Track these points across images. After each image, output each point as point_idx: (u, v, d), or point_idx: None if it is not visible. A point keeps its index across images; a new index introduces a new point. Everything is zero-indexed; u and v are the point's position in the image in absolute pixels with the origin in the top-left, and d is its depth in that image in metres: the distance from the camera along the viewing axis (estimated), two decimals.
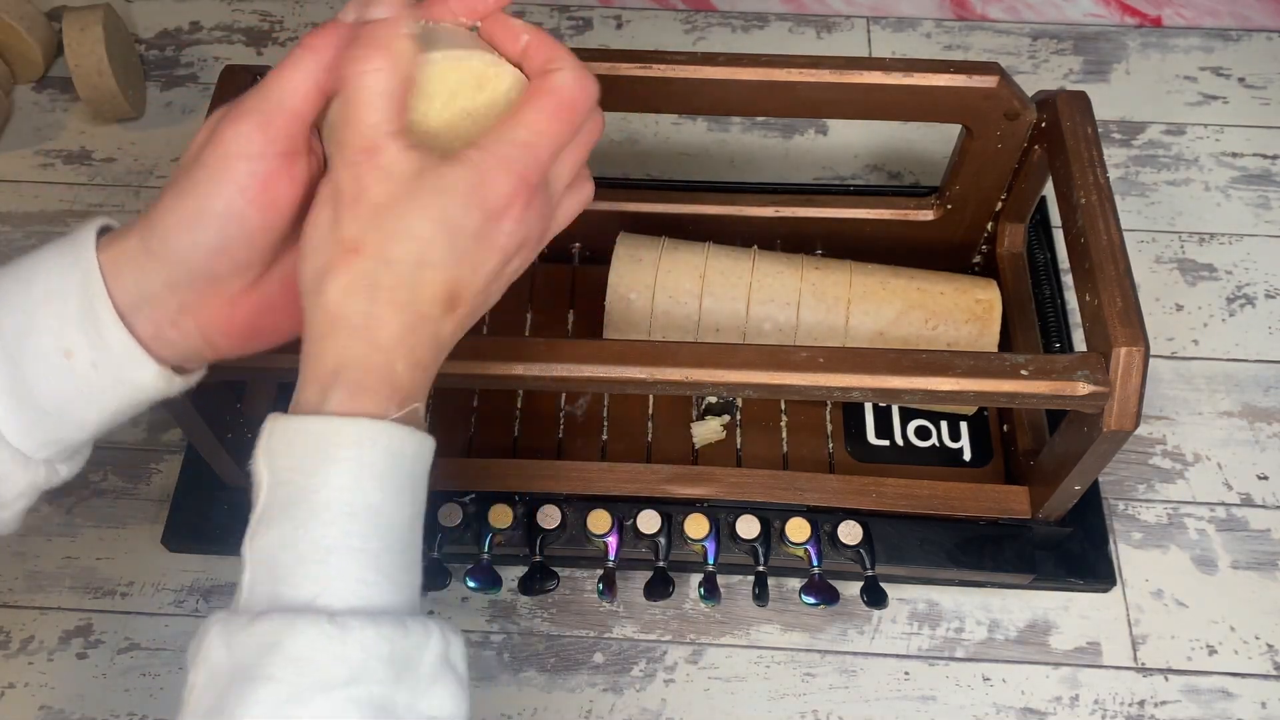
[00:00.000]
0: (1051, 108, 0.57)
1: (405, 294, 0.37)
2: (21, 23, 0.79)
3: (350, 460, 0.35)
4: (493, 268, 0.39)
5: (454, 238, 0.37)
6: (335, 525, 0.35)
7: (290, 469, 0.36)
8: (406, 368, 0.37)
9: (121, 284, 0.39)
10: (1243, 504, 0.66)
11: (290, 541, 0.35)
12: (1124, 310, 0.50)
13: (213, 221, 0.38)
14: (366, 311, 0.36)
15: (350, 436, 0.36)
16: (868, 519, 0.59)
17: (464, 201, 0.37)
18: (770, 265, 0.62)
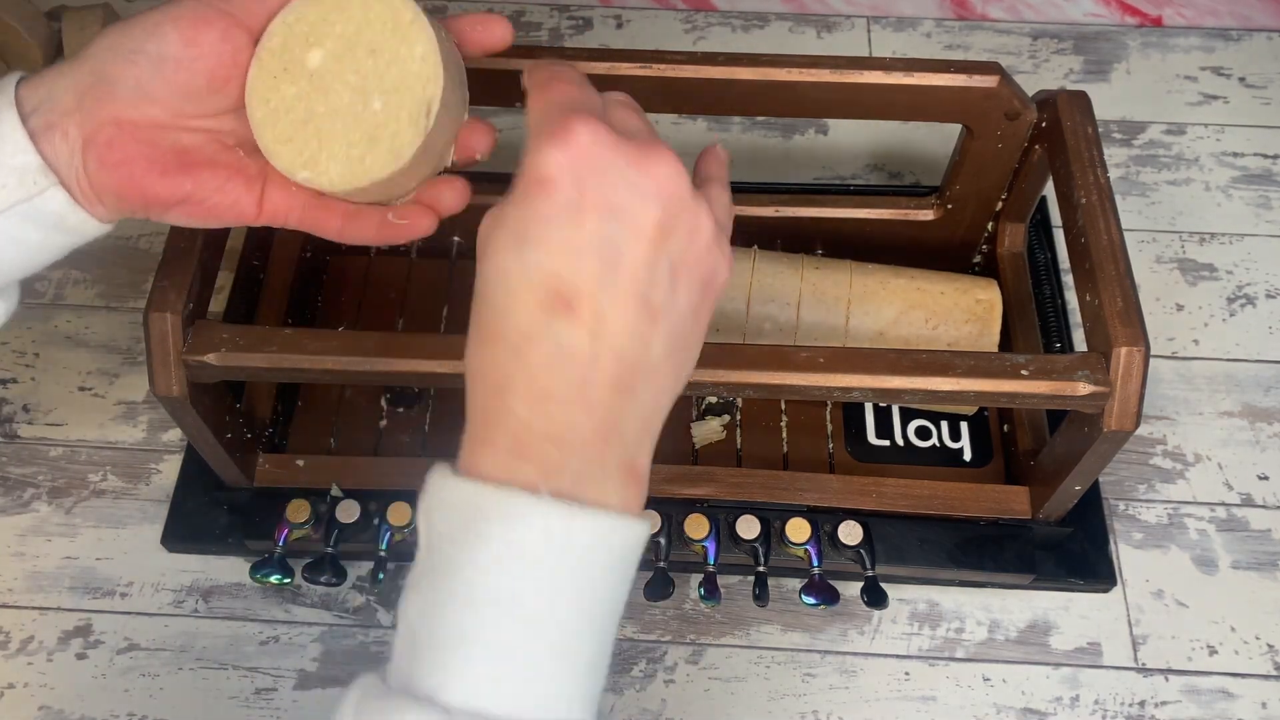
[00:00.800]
0: (1052, 107, 0.57)
1: (501, 318, 0.35)
2: (21, 22, 0.79)
3: (496, 539, 0.32)
4: (594, 241, 0.35)
5: (521, 234, 0.34)
6: (469, 611, 0.32)
7: (443, 536, 0.33)
8: (529, 403, 0.33)
9: (34, 86, 0.39)
10: (1243, 504, 0.66)
11: (430, 615, 0.32)
12: (1124, 310, 0.50)
13: (133, 34, 0.39)
14: (479, 354, 0.35)
15: (497, 510, 0.32)
16: (868, 519, 0.59)
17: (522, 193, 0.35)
18: (770, 265, 0.62)
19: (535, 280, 0.33)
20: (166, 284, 0.51)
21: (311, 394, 0.66)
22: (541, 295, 0.33)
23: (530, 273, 0.33)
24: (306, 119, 0.41)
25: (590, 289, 0.33)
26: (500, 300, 0.34)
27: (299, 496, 0.58)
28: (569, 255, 0.33)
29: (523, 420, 0.33)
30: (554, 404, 0.33)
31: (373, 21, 0.40)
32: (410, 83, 0.40)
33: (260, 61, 0.41)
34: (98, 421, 0.68)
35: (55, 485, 0.65)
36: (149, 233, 0.75)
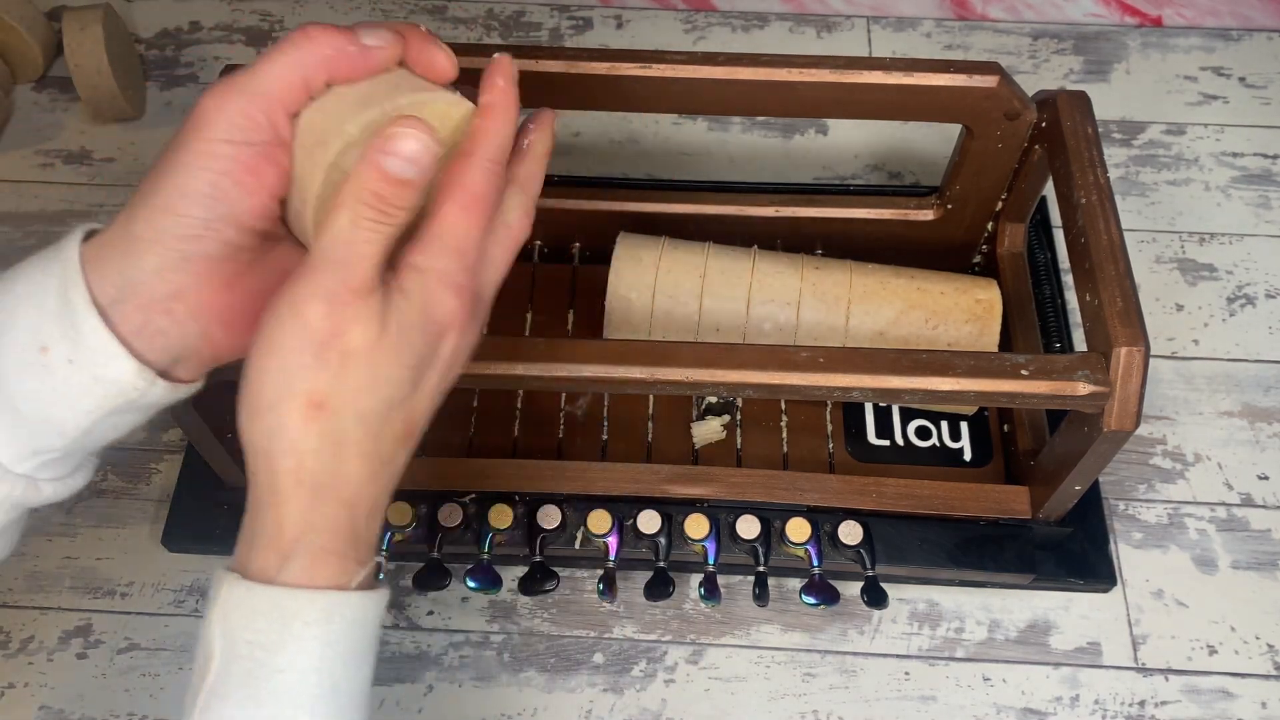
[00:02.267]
0: (1052, 107, 0.57)
1: (371, 444, 0.36)
2: (21, 23, 0.79)
3: (316, 639, 0.34)
4: (440, 386, 0.39)
5: (416, 373, 0.37)
6: (302, 709, 0.34)
7: (250, 643, 0.34)
8: (367, 518, 0.36)
9: (103, 275, 0.37)
10: (1243, 504, 0.66)
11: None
12: (1124, 310, 0.50)
13: (199, 200, 0.36)
14: (333, 469, 0.35)
15: (317, 613, 0.35)
16: (868, 519, 0.59)
17: (422, 330, 0.36)
18: (770, 265, 0.62)
19: (405, 416, 0.38)
20: None
21: None
22: (405, 428, 0.38)
23: (405, 410, 0.38)
24: None
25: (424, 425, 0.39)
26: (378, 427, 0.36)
27: None
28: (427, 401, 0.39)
29: (358, 530, 0.36)
30: (379, 514, 0.37)
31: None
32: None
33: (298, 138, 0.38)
34: None
35: None
36: None
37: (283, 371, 0.35)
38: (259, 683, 0.34)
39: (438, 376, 0.38)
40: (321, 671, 0.35)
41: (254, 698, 0.34)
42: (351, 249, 0.35)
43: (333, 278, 0.35)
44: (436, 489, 0.59)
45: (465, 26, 0.86)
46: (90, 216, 0.76)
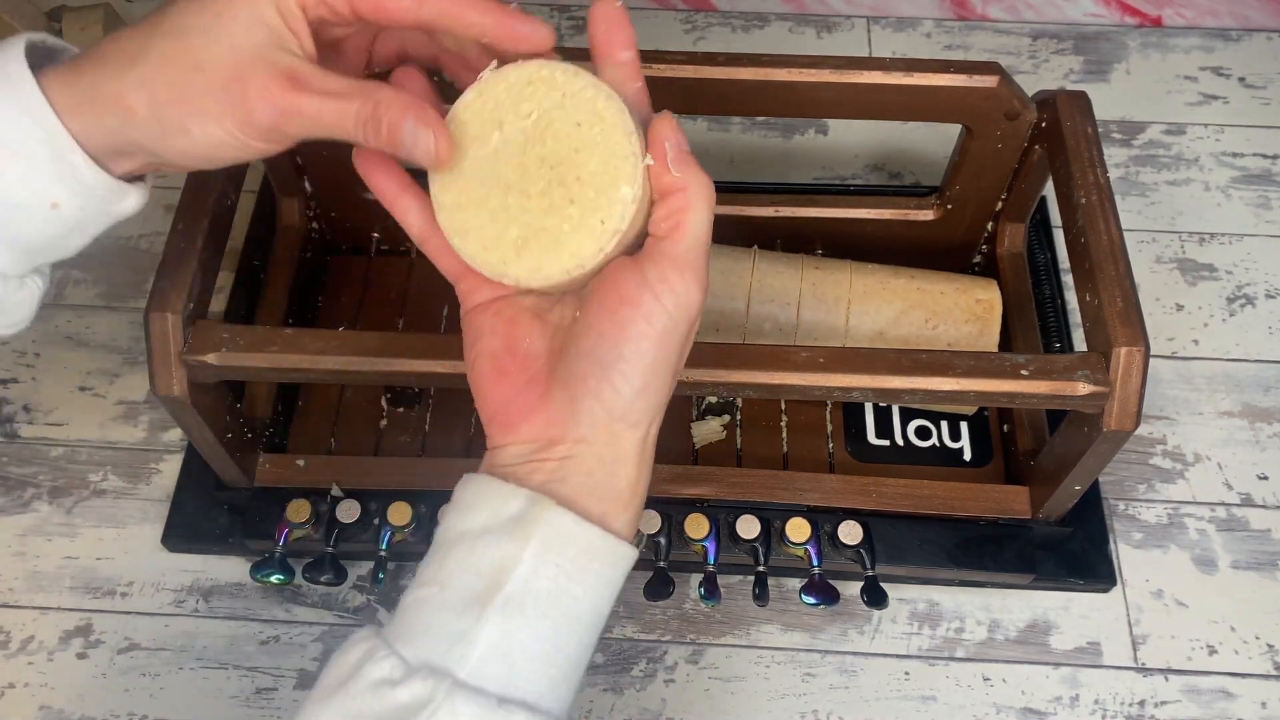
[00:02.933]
0: (1052, 108, 0.57)
1: (647, 419, 0.40)
2: (21, 22, 0.79)
3: (606, 579, 0.38)
4: (680, 369, 0.41)
5: (677, 365, 0.40)
6: (587, 633, 0.38)
7: (558, 565, 0.37)
8: (644, 489, 0.40)
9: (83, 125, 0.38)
10: (1243, 504, 0.66)
11: (540, 640, 0.37)
12: (1124, 310, 0.50)
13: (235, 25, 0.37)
14: (650, 450, 0.40)
15: (614, 557, 0.38)
16: (868, 519, 0.59)
17: (682, 320, 0.39)
18: (770, 265, 0.62)
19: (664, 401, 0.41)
20: (167, 284, 0.51)
21: (311, 394, 0.66)
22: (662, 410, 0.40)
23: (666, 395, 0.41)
24: (505, 219, 0.39)
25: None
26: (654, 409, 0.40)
27: (299, 496, 0.58)
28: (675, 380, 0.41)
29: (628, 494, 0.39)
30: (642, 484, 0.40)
31: (568, 106, 0.38)
32: (612, 173, 0.38)
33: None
34: (98, 421, 0.68)
35: (56, 485, 0.65)
36: (149, 233, 0.75)
37: (668, 351, 0.39)
38: (554, 602, 0.37)
39: (680, 363, 0.41)
40: (597, 609, 0.38)
41: (547, 614, 0.37)
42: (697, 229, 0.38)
43: (695, 252, 0.39)
44: (436, 489, 0.59)
45: None
46: None
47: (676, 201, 0.38)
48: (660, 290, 0.38)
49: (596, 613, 0.38)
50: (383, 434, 0.65)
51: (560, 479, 0.38)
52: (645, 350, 0.38)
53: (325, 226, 0.69)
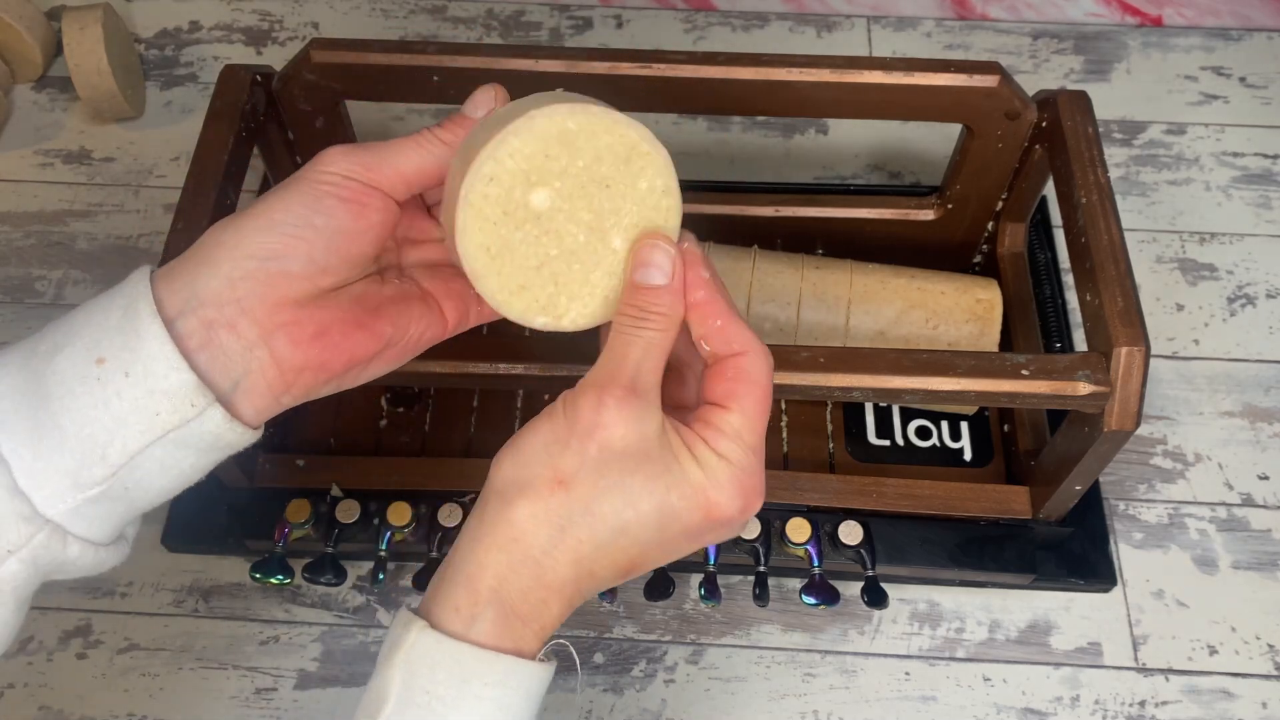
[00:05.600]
0: (1052, 107, 0.57)
1: (590, 550, 0.36)
2: (21, 22, 0.79)
3: (492, 702, 0.35)
4: (680, 555, 0.38)
5: (666, 527, 0.36)
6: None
7: (428, 694, 0.35)
8: (560, 611, 0.37)
9: (172, 289, 0.36)
10: (1243, 504, 0.66)
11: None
12: (1125, 310, 0.50)
13: (290, 209, 0.36)
14: (547, 549, 0.36)
15: (496, 676, 0.35)
16: (868, 519, 0.59)
17: (693, 499, 0.36)
18: (770, 265, 0.62)
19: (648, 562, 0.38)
20: None
21: None
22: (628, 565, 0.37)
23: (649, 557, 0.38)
24: (539, 264, 0.38)
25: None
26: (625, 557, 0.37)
27: (299, 496, 0.58)
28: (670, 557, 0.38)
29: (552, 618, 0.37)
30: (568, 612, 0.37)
31: (603, 155, 0.37)
32: (650, 215, 0.38)
33: (472, 207, 0.36)
34: None
35: None
36: (149, 233, 0.75)
37: (548, 442, 0.36)
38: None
39: (687, 548, 0.38)
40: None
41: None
42: (618, 349, 0.37)
43: (604, 374, 0.36)
44: (436, 489, 0.59)
45: (465, 26, 0.86)
46: (90, 216, 0.76)
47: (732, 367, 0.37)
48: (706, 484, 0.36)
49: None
50: (383, 434, 0.64)
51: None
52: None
53: None
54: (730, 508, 0.36)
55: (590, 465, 0.35)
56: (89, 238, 0.75)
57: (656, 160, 0.37)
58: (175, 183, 0.77)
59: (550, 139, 0.36)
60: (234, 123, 0.55)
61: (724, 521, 0.37)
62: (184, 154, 0.79)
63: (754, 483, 0.37)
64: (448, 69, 0.56)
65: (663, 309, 0.37)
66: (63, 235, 0.75)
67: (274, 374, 0.37)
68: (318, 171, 0.38)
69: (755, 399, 0.37)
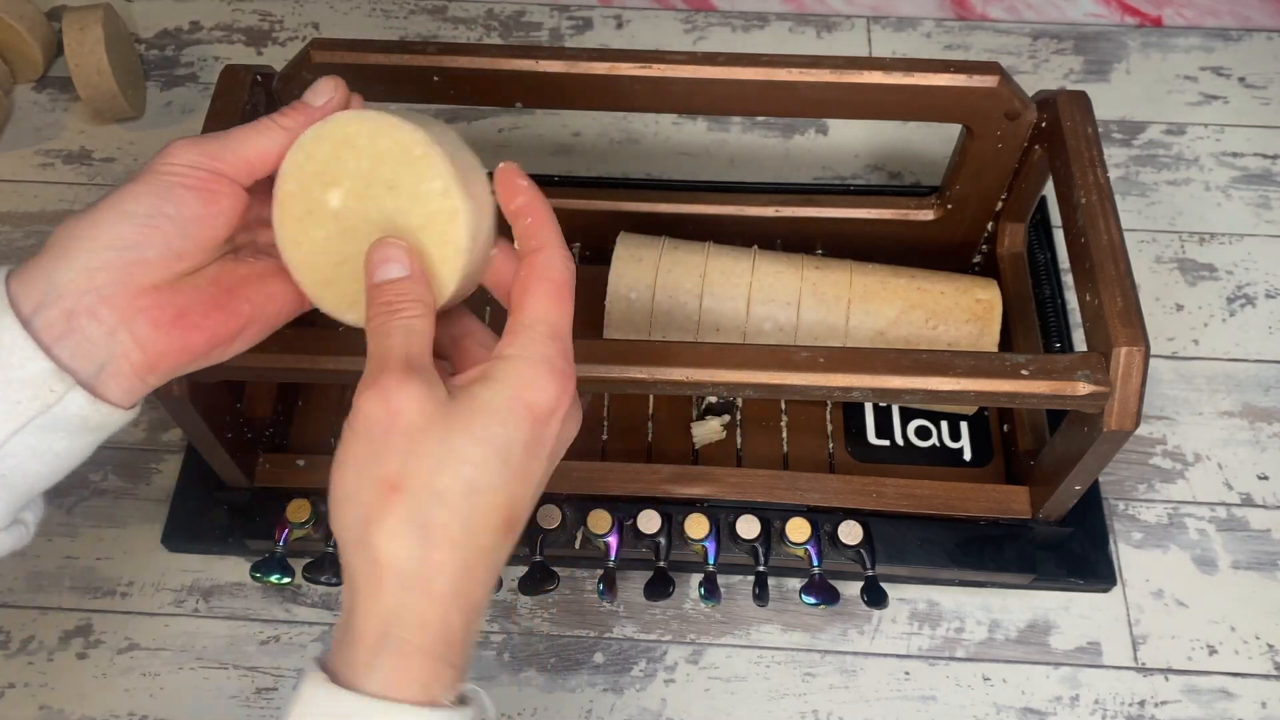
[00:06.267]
0: (1052, 107, 0.57)
1: (459, 528, 0.35)
2: (21, 22, 0.79)
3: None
4: (544, 476, 0.38)
5: (508, 457, 0.36)
6: None
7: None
8: (462, 614, 0.35)
9: (28, 284, 0.37)
10: (1243, 504, 0.66)
11: None
12: (1124, 310, 0.50)
13: (141, 199, 0.37)
14: (420, 556, 0.34)
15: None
16: (868, 519, 0.59)
17: (509, 413, 0.36)
18: (770, 265, 0.62)
19: (503, 503, 0.36)
20: None
21: (311, 394, 0.66)
22: (503, 518, 0.36)
23: (502, 496, 0.36)
24: (341, 260, 0.39)
25: (524, 514, 0.37)
26: (465, 511, 0.35)
27: (299, 496, 0.58)
28: (528, 488, 0.37)
29: (452, 634, 0.35)
30: (476, 615, 0.36)
31: (384, 157, 0.38)
32: (435, 218, 0.38)
33: (282, 205, 0.39)
34: None
35: (56, 485, 0.65)
36: None
37: (358, 460, 0.35)
38: None
39: (545, 469, 0.38)
40: None
41: None
42: (379, 343, 0.37)
43: (374, 368, 0.36)
44: None
45: (465, 26, 0.86)
46: None
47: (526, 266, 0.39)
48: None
49: None
50: None
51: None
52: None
53: None
54: (545, 396, 0.37)
55: (408, 454, 0.35)
56: None
57: (434, 162, 0.38)
58: None
59: (337, 142, 0.39)
60: (234, 123, 0.55)
61: (550, 412, 0.37)
62: None
63: (560, 364, 0.38)
64: (448, 69, 0.56)
65: (411, 296, 0.38)
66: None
67: (138, 356, 0.38)
68: (164, 164, 0.38)
69: (546, 292, 0.39)
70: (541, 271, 0.39)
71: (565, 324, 0.39)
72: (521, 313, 0.38)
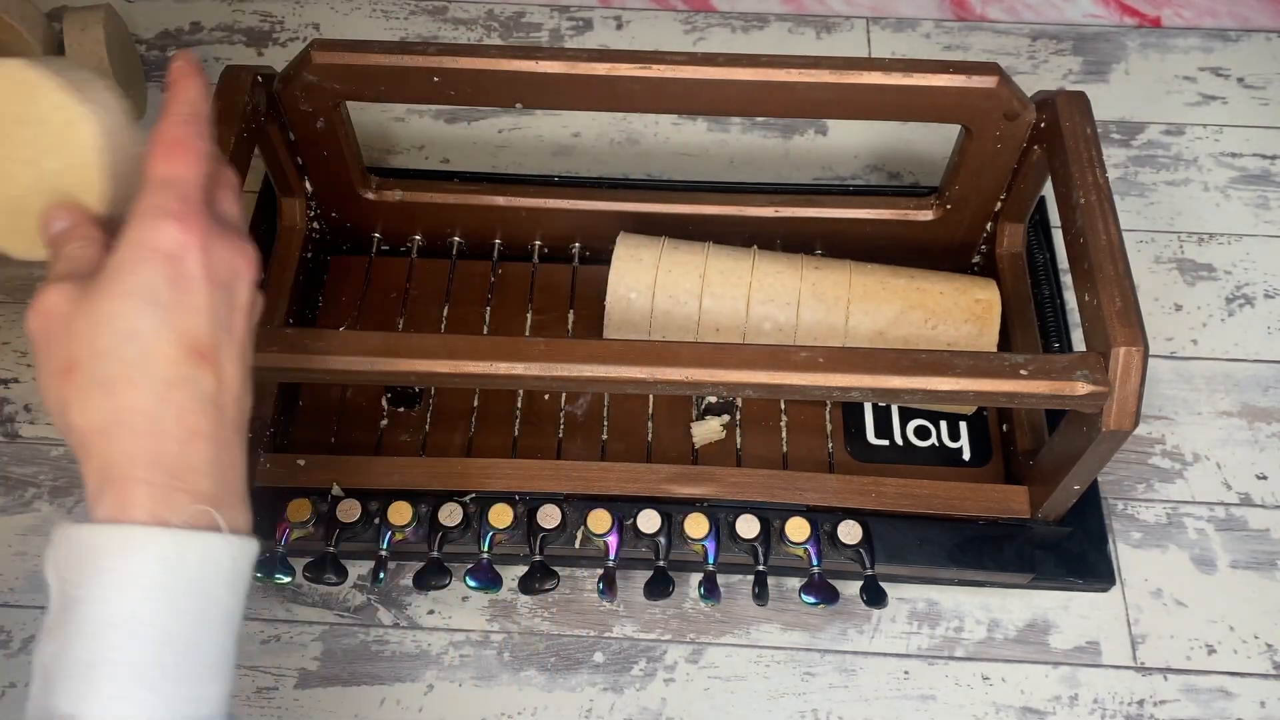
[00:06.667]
0: (1051, 108, 0.57)
1: (137, 370, 0.37)
2: (22, 23, 0.79)
3: (114, 570, 0.35)
4: (213, 306, 0.39)
5: (151, 296, 0.37)
6: (95, 639, 0.34)
7: (67, 580, 0.35)
8: (178, 443, 0.37)
9: None
10: (1242, 504, 0.66)
11: (59, 654, 0.35)
12: (1123, 310, 0.50)
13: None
14: (110, 407, 0.37)
15: (115, 545, 0.35)
16: (867, 518, 0.59)
17: (138, 262, 0.37)
18: (770, 265, 0.63)
19: (170, 336, 0.37)
20: None
21: (311, 394, 0.66)
22: (178, 349, 0.37)
23: (164, 331, 0.37)
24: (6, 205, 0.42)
25: (215, 345, 0.38)
26: (133, 354, 0.37)
27: (300, 496, 0.58)
28: (197, 317, 0.38)
29: (174, 458, 0.37)
30: (200, 441, 0.37)
31: (8, 96, 0.40)
32: (64, 131, 0.41)
33: None
34: None
35: (57, 485, 0.66)
36: None
37: (42, 368, 0.38)
38: (69, 617, 0.35)
39: (208, 298, 0.39)
40: (119, 601, 0.35)
41: (65, 631, 0.35)
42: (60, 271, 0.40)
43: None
44: (437, 489, 0.59)
45: (465, 27, 0.87)
46: None
47: None
48: None
49: (138, 618, 0.35)
50: (383, 434, 0.65)
51: None
52: None
53: (325, 226, 0.69)
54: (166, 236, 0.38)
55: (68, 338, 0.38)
56: None
57: (42, 82, 0.40)
58: None
59: None
60: (235, 123, 0.56)
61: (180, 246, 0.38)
62: None
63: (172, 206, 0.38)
64: (448, 70, 0.56)
65: (72, 236, 0.41)
66: None
67: None
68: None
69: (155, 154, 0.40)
70: (155, 137, 0.40)
71: (176, 172, 0.39)
72: (143, 178, 0.40)
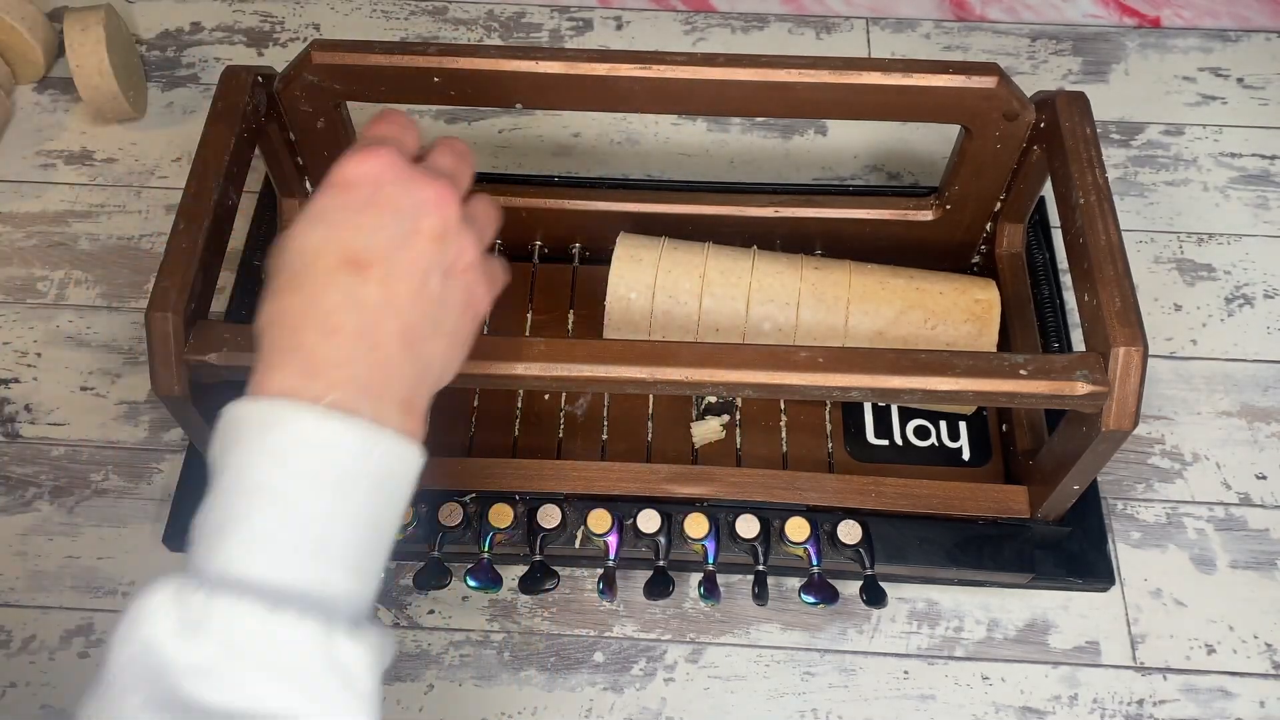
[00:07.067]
0: (1050, 108, 0.57)
1: (300, 278, 0.39)
2: (23, 23, 0.79)
3: (251, 440, 0.37)
4: (382, 226, 0.40)
5: (321, 216, 0.40)
6: (228, 504, 0.36)
7: (222, 449, 0.38)
8: (321, 334, 0.38)
9: None
10: (1241, 504, 0.66)
11: (201, 519, 0.37)
12: (1123, 310, 0.50)
13: None
14: (273, 309, 0.39)
15: (255, 418, 0.37)
16: (867, 518, 0.59)
17: (323, 190, 0.41)
18: (770, 265, 0.63)
19: (332, 249, 0.39)
20: (168, 284, 0.51)
21: None
22: (337, 258, 0.39)
23: (328, 244, 0.39)
24: None
25: (381, 258, 0.40)
26: (298, 265, 0.40)
27: None
28: (364, 233, 0.40)
29: (310, 349, 0.38)
30: (341, 337, 0.38)
31: None
32: None
33: None
34: (99, 421, 0.68)
35: (57, 485, 0.66)
36: (150, 233, 0.75)
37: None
38: (212, 485, 0.37)
39: (375, 216, 0.40)
40: (251, 468, 0.36)
41: (208, 500, 0.37)
42: None
43: None
44: (437, 488, 0.59)
45: (466, 27, 0.87)
46: (92, 217, 0.76)
47: None
48: None
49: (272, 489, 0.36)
50: None
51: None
52: None
53: None
54: (349, 167, 0.41)
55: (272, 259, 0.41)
56: (91, 238, 0.75)
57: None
58: (177, 184, 0.77)
59: None
60: (235, 124, 0.56)
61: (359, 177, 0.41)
62: (185, 155, 0.79)
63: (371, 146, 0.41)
64: (448, 70, 0.56)
65: None
66: (65, 236, 0.75)
67: None
68: None
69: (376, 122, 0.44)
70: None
71: (378, 130, 0.43)
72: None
